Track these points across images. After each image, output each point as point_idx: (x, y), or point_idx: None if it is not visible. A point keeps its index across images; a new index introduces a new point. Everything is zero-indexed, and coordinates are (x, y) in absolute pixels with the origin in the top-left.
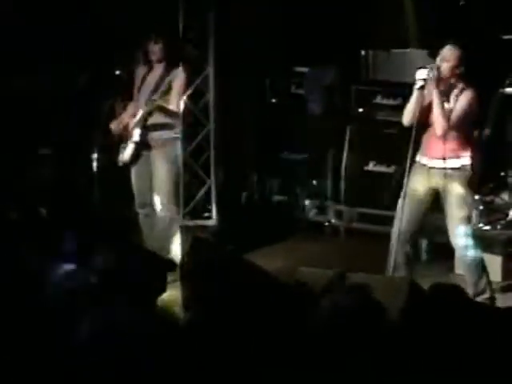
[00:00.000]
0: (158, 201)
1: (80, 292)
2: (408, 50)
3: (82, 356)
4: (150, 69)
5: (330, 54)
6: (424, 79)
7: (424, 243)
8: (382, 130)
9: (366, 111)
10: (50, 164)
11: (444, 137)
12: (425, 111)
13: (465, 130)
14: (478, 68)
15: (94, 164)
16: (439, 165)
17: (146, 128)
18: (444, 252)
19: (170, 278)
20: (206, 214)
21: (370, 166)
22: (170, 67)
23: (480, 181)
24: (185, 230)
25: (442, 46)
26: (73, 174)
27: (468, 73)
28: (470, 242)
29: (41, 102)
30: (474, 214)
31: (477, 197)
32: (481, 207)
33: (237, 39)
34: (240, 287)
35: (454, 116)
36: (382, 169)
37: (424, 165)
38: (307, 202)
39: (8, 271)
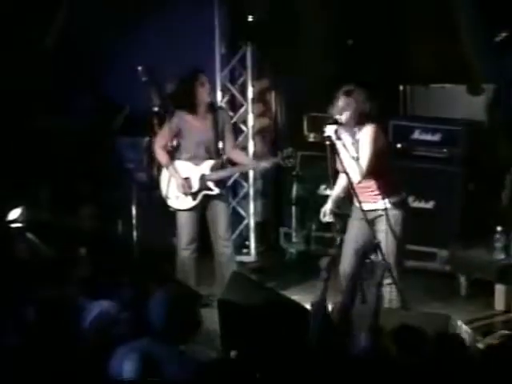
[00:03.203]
0: (215, 234)
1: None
2: (447, 86)
3: None
4: (195, 114)
5: (369, 88)
6: (329, 136)
7: (463, 279)
8: (421, 166)
9: (403, 146)
10: (89, 203)
11: (359, 183)
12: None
13: (379, 168)
14: None
15: (133, 203)
16: (365, 208)
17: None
18: (483, 288)
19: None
20: (245, 250)
21: (410, 200)
22: (214, 108)
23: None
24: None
25: (482, 82)
26: (112, 212)
27: (505, 107)
28: None
29: (80, 142)
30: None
31: None
32: None
33: (274, 76)
34: (278, 325)
35: (362, 160)
36: (421, 204)
37: (356, 208)
38: None
39: (47, 308)
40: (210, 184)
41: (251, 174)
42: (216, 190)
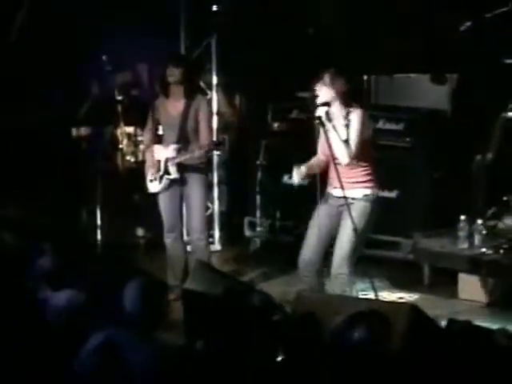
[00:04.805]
0: (190, 226)
1: (80, 316)
2: (411, 75)
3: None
4: (167, 97)
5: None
6: (320, 116)
7: (426, 268)
8: (384, 155)
9: None
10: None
11: (347, 166)
12: (326, 146)
13: (363, 154)
14: (481, 92)
15: (98, 191)
16: (339, 194)
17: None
18: (447, 277)
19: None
20: (209, 239)
21: None
22: (188, 94)
23: (483, 205)
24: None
25: (446, 71)
26: (76, 201)
27: (468, 96)
28: None
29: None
30: (477, 238)
31: (480, 221)
32: (484, 232)
33: (239, 64)
34: (242, 313)
35: (351, 142)
36: (385, 194)
37: (329, 193)
38: None
39: (12, 299)
40: (170, 168)
41: (215, 162)
42: (174, 175)
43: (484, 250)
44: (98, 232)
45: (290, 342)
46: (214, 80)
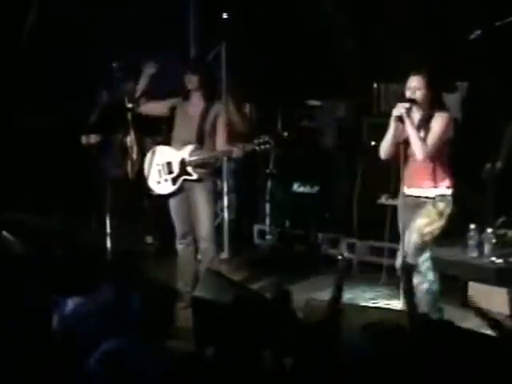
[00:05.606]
0: (197, 234)
1: (87, 325)
2: None
3: None
4: (187, 100)
5: (343, 86)
6: (401, 113)
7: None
8: (394, 164)
9: (378, 144)
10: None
11: (423, 164)
12: (404, 145)
13: (441, 155)
14: (491, 101)
15: (108, 199)
16: (414, 193)
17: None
18: (457, 285)
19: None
20: (219, 248)
21: (383, 200)
22: (208, 99)
23: (493, 214)
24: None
25: (456, 79)
26: (85, 208)
27: (479, 104)
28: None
29: (53, 139)
30: (487, 247)
31: (489, 230)
32: (493, 240)
33: (249, 71)
34: (250, 320)
35: (430, 139)
36: (395, 202)
37: (403, 193)
38: (319, 236)
39: (18, 306)
40: (189, 169)
41: (225, 170)
42: (195, 175)
43: (493, 258)
44: (108, 239)
45: (300, 350)
46: (224, 88)
